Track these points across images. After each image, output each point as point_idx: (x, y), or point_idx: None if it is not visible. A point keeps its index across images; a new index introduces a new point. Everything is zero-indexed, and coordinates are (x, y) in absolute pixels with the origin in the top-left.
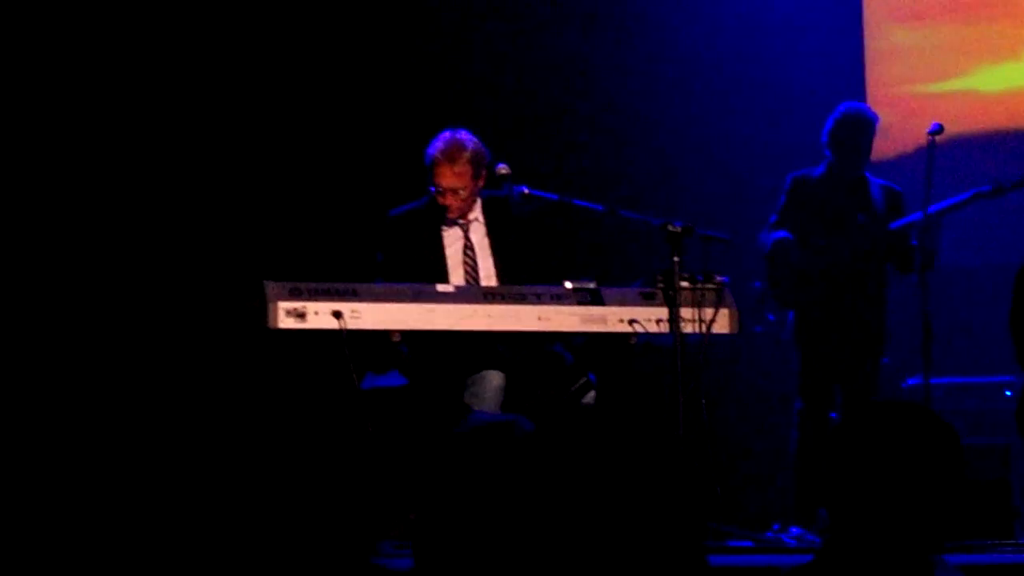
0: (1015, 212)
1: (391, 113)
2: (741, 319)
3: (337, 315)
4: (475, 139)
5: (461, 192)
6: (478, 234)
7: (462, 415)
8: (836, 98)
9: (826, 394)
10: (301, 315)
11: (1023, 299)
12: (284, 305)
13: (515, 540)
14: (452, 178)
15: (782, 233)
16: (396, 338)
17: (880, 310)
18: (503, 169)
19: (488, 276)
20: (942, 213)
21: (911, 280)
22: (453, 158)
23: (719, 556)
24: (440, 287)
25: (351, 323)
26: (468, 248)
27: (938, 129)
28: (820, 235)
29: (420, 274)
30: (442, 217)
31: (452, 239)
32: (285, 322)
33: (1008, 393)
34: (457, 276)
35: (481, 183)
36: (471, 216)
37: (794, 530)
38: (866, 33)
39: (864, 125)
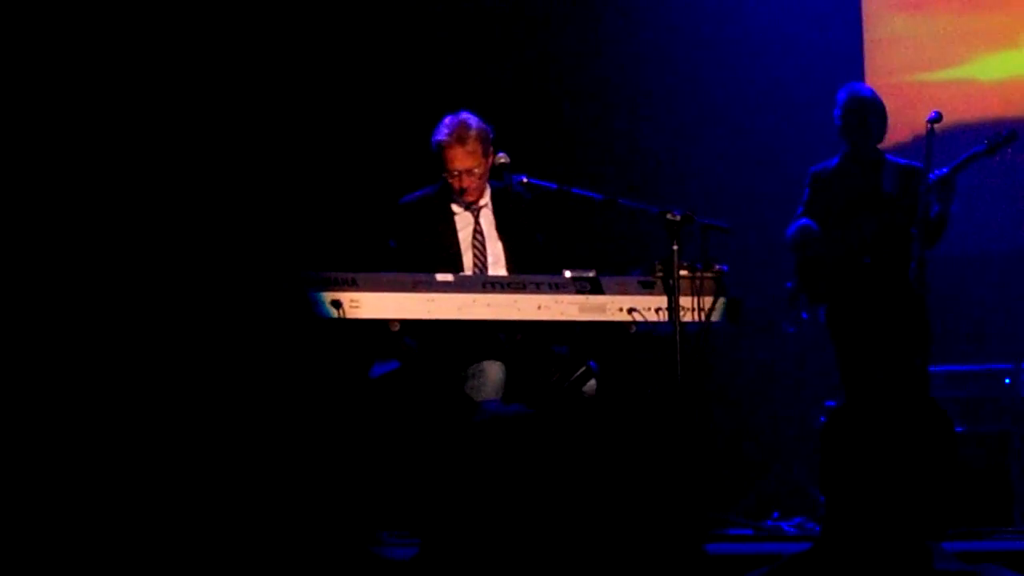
0: (1013, 200)
1: (391, 102)
2: (742, 310)
3: (336, 304)
4: (477, 117)
5: (476, 171)
6: (487, 219)
7: (463, 404)
8: (835, 86)
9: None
10: None
11: None
12: None
13: (515, 526)
14: (465, 159)
15: (804, 221)
16: (395, 327)
17: (918, 298)
18: (502, 158)
19: (496, 261)
20: (950, 176)
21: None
22: (463, 139)
23: (718, 544)
24: (440, 276)
25: (350, 312)
26: (477, 233)
27: (937, 117)
28: (840, 223)
29: (434, 259)
30: (453, 202)
31: (463, 224)
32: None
33: (1007, 381)
34: (467, 260)
35: (491, 160)
36: (481, 202)
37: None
38: (865, 22)
39: (862, 104)
